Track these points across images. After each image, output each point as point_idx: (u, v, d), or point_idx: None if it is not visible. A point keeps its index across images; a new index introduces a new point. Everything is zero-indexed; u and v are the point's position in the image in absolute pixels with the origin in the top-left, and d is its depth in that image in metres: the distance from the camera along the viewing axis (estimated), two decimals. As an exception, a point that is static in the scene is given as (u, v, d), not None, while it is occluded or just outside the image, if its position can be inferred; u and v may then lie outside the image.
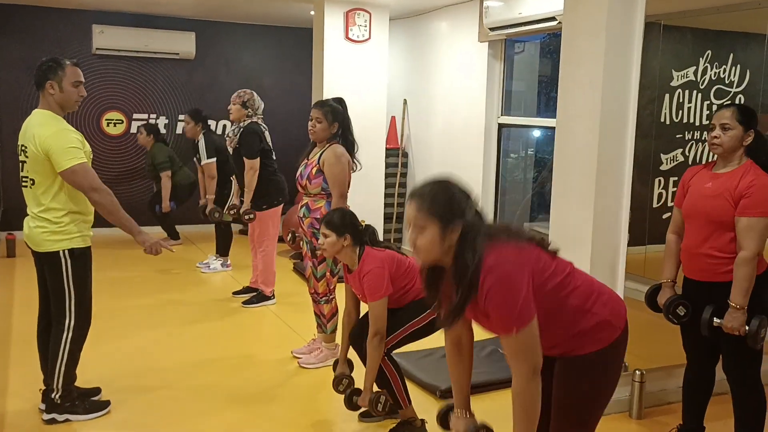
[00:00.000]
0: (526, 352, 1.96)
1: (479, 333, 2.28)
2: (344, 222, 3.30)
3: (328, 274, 4.14)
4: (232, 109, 5.33)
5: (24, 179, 3.35)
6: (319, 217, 4.05)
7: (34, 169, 3.28)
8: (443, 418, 2.33)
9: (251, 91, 5.39)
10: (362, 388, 3.30)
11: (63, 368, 3.40)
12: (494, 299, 1.93)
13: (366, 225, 3.38)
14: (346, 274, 3.41)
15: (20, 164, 3.37)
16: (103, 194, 3.32)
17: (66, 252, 3.32)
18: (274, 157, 5.43)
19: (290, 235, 4.46)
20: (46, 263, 3.37)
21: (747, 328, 2.85)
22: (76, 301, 3.39)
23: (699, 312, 2.98)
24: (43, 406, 3.48)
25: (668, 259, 3.17)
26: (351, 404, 3.39)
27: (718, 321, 2.91)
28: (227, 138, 5.47)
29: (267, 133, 5.38)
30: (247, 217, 5.24)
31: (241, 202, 5.38)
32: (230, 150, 5.42)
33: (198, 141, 6.32)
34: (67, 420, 3.44)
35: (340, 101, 4.18)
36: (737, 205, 2.84)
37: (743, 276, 2.82)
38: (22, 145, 3.31)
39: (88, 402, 3.56)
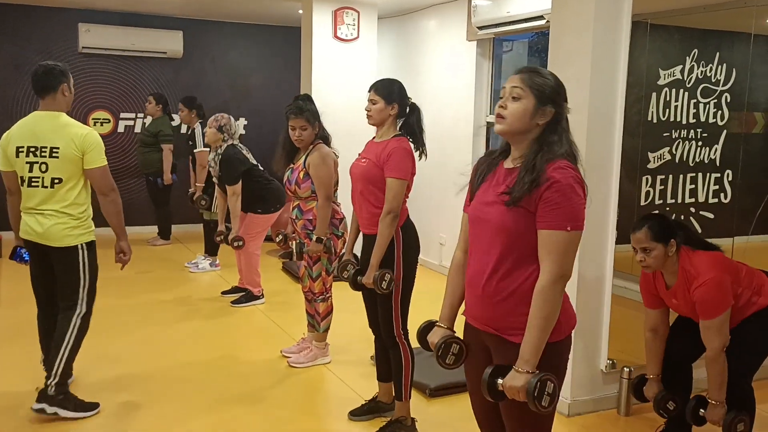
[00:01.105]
0: (565, 254, 1.96)
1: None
2: (392, 91, 3.25)
3: (323, 273, 4.14)
4: (207, 132, 5.34)
5: (35, 180, 3.39)
6: (311, 218, 4.04)
7: (63, 168, 3.38)
8: (422, 335, 2.28)
9: (228, 116, 5.38)
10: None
11: (66, 355, 3.44)
12: (561, 191, 1.96)
13: (413, 103, 3.33)
14: (368, 143, 3.37)
15: (29, 165, 3.38)
16: (118, 195, 3.55)
17: (84, 245, 3.47)
18: (262, 168, 5.42)
19: (279, 236, 4.45)
20: (61, 257, 3.45)
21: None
22: (89, 291, 3.53)
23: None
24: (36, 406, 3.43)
25: (650, 357, 3.27)
26: (355, 284, 3.34)
27: (703, 412, 3.07)
28: (210, 168, 5.48)
29: (246, 152, 5.35)
30: (235, 244, 5.21)
31: (228, 228, 5.33)
32: (215, 180, 5.44)
33: (194, 128, 6.31)
34: (55, 413, 3.41)
35: (309, 99, 4.14)
36: None
37: (715, 373, 2.97)
38: (43, 147, 3.36)
39: (78, 400, 3.53)
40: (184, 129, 8.41)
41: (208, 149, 6.11)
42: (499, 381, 1.99)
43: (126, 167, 8.24)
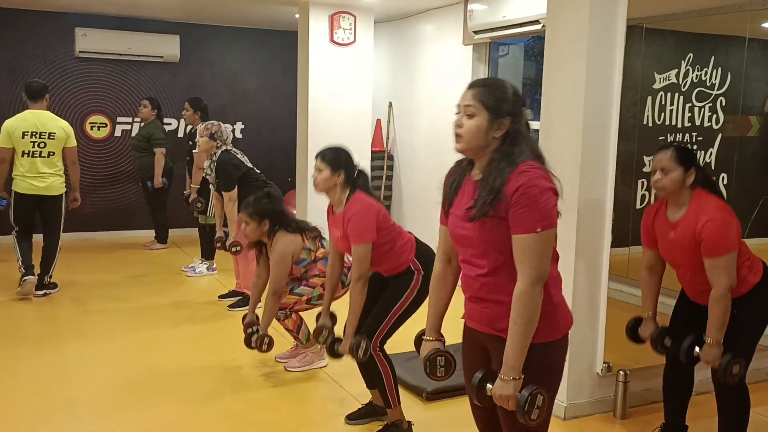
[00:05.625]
0: (540, 255, 1.96)
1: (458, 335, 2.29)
2: (339, 159, 3.25)
3: (305, 296, 4.15)
4: (199, 141, 5.28)
5: (35, 152, 5.46)
6: (317, 273, 4.14)
7: (56, 146, 5.54)
8: (417, 346, 2.37)
9: (218, 122, 5.35)
10: (343, 336, 3.29)
11: (55, 263, 5.66)
12: (527, 194, 1.94)
13: (359, 170, 3.32)
14: (329, 215, 3.36)
15: (32, 143, 5.44)
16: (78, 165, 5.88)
17: (65, 193, 5.68)
18: (258, 171, 5.41)
19: (250, 330, 4.39)
20: (54, 202, 5.60)
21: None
22: (62, 223, 5.70)
23: (698, 319, 3.03)
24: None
25: (646, 295, 3.23)
26: (333, 352, 3.35)
27: (698, 351, 3.00)
28: (207, 176, 5.44)
29: (241, 156, 5.33)
30: (233, 249, 5.20)
31: (225, 233, 5.32)
32: (213, 187, 5.43)
33: (197, 128, 6.26)
34: (50, 293, 5.64)
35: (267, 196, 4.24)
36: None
37: (718, 312, 2.90)
38: (43, 132, 5.48)
39: (53, 283, 5.71)
40: (181, 133, 8.44)
41: None
42: (489, 386, 2.02)
43: (123, 172, 8.22)
